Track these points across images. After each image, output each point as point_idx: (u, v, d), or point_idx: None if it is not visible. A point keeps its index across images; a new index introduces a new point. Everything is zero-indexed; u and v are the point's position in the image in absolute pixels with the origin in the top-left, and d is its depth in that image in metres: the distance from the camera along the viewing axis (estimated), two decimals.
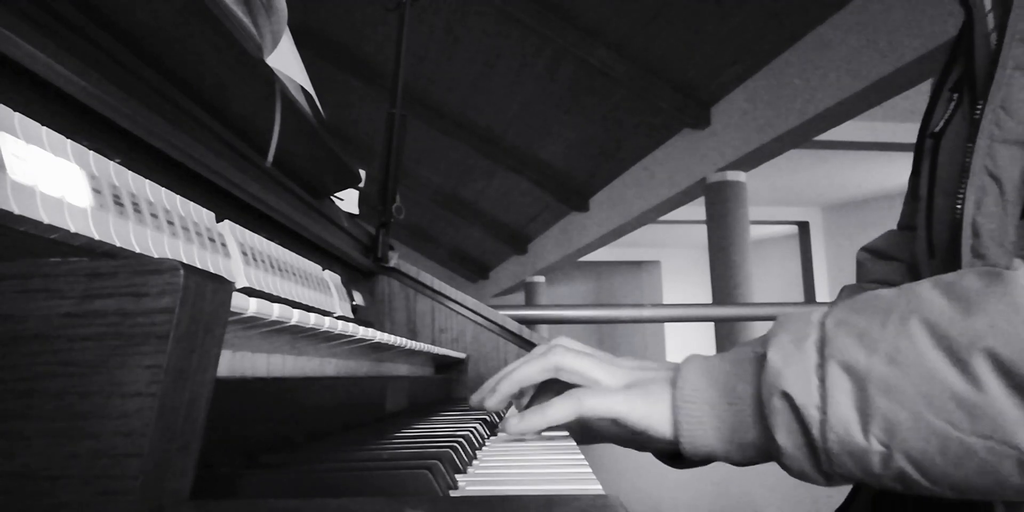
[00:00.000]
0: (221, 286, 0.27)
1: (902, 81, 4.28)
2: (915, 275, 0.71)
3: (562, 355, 0.53)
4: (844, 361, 0.41)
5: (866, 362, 0.40)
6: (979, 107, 0.52)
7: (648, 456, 0.59)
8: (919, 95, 5.04)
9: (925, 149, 0.64)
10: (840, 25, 4.59)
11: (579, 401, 0.49)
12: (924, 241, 0.62)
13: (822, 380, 0.41)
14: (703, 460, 0.49)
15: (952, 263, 0.56)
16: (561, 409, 0.49)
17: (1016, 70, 0.50)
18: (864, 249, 0.81)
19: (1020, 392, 0.37)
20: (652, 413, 0.48)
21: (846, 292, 0.77)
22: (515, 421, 0.51)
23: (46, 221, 0.35)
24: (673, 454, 0.58)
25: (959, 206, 0.53)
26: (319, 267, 0.84)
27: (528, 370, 0.54)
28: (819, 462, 0.42)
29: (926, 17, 3.89)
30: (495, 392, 0.55)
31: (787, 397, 0.42)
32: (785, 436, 0.42)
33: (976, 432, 0.38)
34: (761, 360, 0.45)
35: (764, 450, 0.45)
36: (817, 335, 0.43)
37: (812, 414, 0.41)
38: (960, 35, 0.64)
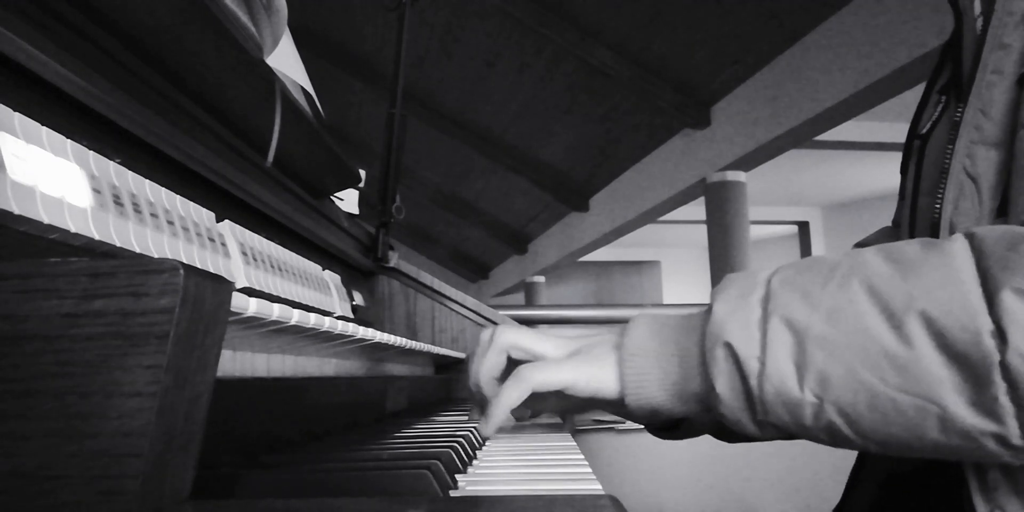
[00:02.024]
0: (221, 286, 0.27)
1: (901, 82, 4.28)
2: None
3: (504, 333, 0.54)
4: (786, 316, 0.43)
5: (806, 318, 0.42)
6: (960, 109, 0.54)
7: (648, 456, 0.60)
8: (919, 95, 5.04)
9: (912, 149, 0.66)
10: (840, 25, 4.59)
11: (526, 379, 0.50)
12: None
13: (764, 333, 0.43)
14: (648, 416, 0.50)
15: None
16: (512, 392, 0.50)
17: (995, 74, 0.51)
18: (857, 245, 0.81)
19: (948, 353, 0.39)
20: (598, 375, 0.49)
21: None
22: (483, 425, 0.51)
23: (46, 221, 0.35)
24: (664, 426, 0.61)
25: (938, 205, 0.54)
26: (319, 267, 0.84)
27: (487, 363, 0.54)
28: (754, 411, 0.44)
29: (926, 17, 3.89)
30: (486, 412, 0.53)
31: (729, 347, 0.44)
32: (724, 384, 0.44)
33: (904, 388, 0.40)
34: (707, 312, 0.47)
35: (704, 400, 0.47)
36: (763, 291, 0.45)
37: (752, 364, 0.43)
38: (951, 40, 0.65)
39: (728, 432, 0.63)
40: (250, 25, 0.74)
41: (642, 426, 0.61)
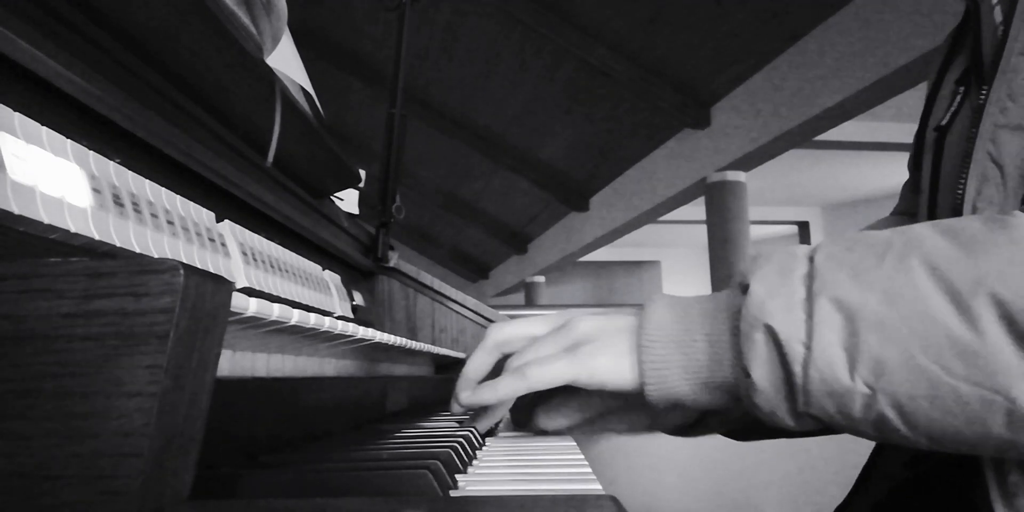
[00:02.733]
0: (221, 286, 0.27)
1: (902, 81, 4.28)
2: None
3: (493, 328, 0.51)
4: (835, 296, 0.39)
5: (859, 298, 0.38)
6: (983, 93, 0.52)
7: (648, 456, 0.59)
8: (919, 95, 5.04)
9: (927, 143, 0.64)
10: (840, 25, 4.59)
11: (524, 375, 0.46)
12: None
13: (809, 314, 0.39)
14: (668, 409, 0.46)
15: None
16: (508, 385, 0.47)
17: (1021, 55, 0.49)
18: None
19: (1020, 340, 0.36)
20: (609, 365, 0.45)
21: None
22: (467, 393, 0.49)
23: (46, 221, 0.35)
24: (680, 422, 0.56)
25: (960, 192, 0.52)
26: (319, 267, 0.84)
27: (473, 363, 0.51)
28: (795, 401, 0.40)
29: (926, 17, 3.89)
30: (456, 399, 0.52)
31: (769, 330, 0.39)
32: (762, 371, 0.40)
33: (970, 379, 0.36)
34: (738, 291, 0.42)
35: (734, 390, 0.43)
36: (806, 268, 0.40)
37: (796, 349, 0.39)
38: (961, 29, 0.64)
39: (745, 430, 0.60)
40: (250, 25, 0.74)
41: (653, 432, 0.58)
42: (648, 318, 0.45)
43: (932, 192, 0.61)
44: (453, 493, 0.33)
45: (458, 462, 0.40)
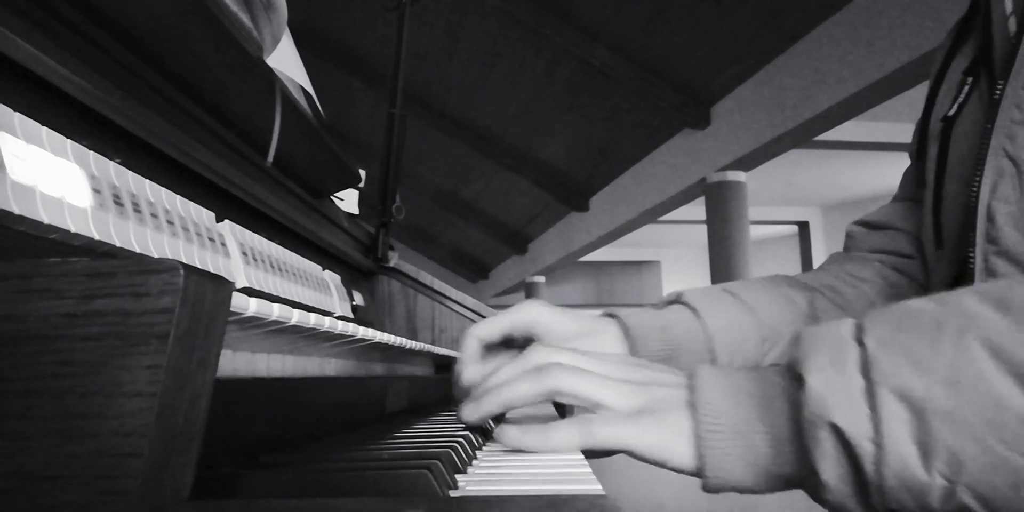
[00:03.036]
0: (221, 286, 0.27)
1: (902, 81, 4.28)
2: (922, 246, 0.69)
3: (559, 376, 0.46)
4: (897, 387, 0.37)
5: (923, 388, 0.36)
6: (999, 88, 0.51)
7: None
8: (919, 95, 5.04)
9: (932, 133, 0.62)
10: (840, 25, 4.59)
11: (588, 432, 0.44)
12: (931, 230, 0.61)
13: (874, 409, 0.37)
14: (721, 491, 0.44)
15: (962, 251, 0.55)
16: (567, 438, 0.44)
17: None
18: (856, 223, 0.78)
19: None
20: (669, 444, 0.43)
21: (834, 259, 0.75)
22: (515, 433, 0.46)
23: (46, 221, 0.35)
24: None
25: (975, 189, 0.51)
26: (319, 267, 0.84)
27: (520, 393, 0.47)
28: (867, 496, 0.38)
29: (926, 17, 3.89)
30: (479, 407, 0.48)
31: (835, 429, 0.38)
32: (831, 471, 0.38)
33: None
34: (793, 383, 0.41)
35: (796, 481, 0.41)
36: (858, 355, 0.39)
37: (865, 447, 0.37)
38: (967, 18, 0.62)
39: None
40: (250, 25, 0.74)
41: None
42: (701, 399, 0.43)
43: (937, 183, 0.60)
44: (453, 493, 0.33)
45: (458, 462, 0.40)
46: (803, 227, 10.52)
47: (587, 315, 0.62)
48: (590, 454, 0.49)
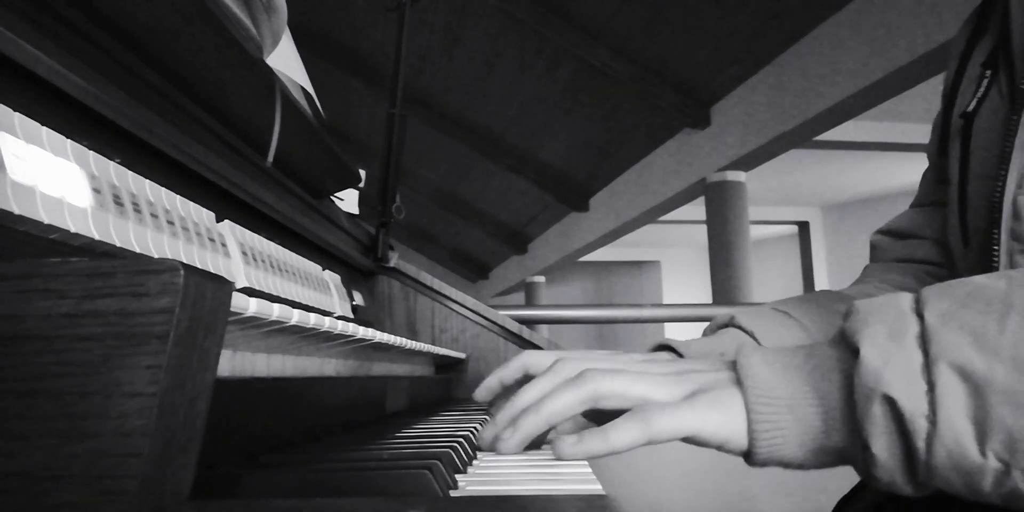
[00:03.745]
0: (221, 286, 0.27)
1: (902, 81, 4.28)
2: (948, 252, 0.68)
3: (598, 380, 0.44)
4: (958, 363, 0.36)
5: (985, 367, 0.35)
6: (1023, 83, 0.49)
7: (647, 456, 0.56)
8: (919, 95, 5.04)
9: (953, 129, 0.62)
10: (840, 25, 4.59)
11: (647, 423, 0.41)
12: (957, 228, 0.60)
13: (931, 385, 0.36)
14: (768, 466, 0.43)
15: (988, 249, 0.54)
16: (627, 435, 0.41)
17: None
18: (880, 232, 0.77)
19: None
20: (727, 423, 0.41)
21: (871, 272, 0.75)
22: (572, 441, 0.43)
23: (46, 221, 0.35)
24: None
25: (1000, 184, 0.50)
26: (319, 267, 0.84)
27: (561, 405, 0.44)
28: (915, 474, 0.37)
29: (926, 17, 3.89)
30: (517, 430, 0.45)
31: (890, 402, 0.36)
32: (883, 446, 0.37)
33: None
34: (847, 354, 0.40)
35: (846, 455, 0.40)
36: (917, 329, 0.37)
37: (919, 424, 0.36)
38: (984, 7, 0.62)
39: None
40: (250, 25, 0.74)
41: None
42: (748, 375, 0.42)
43: (962, 181, 0.59)
44: (453, 493, 0.33)
45: (458, 462, 0.40)
46: (803, 227, 10.52)
47: (640, 356, 0.59)
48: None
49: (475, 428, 0.54)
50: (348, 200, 1.07)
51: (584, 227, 8.66)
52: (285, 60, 0.81)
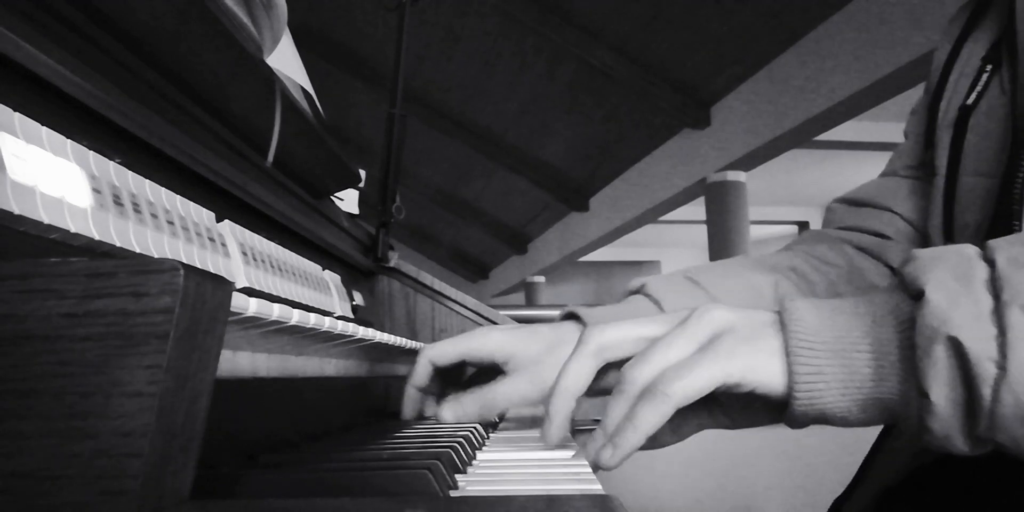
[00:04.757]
0: (221, 286, 0.27)
1: (902, 81, 4.28)
2: (921, 235, 0.67)
3: (593, 332, 0.42)
4: None
5: None
6: None
7: (648, 456, 0.56)
8: (919, 95, 5.04)
9: (943, 121, 0.61)
10: (840, 25, 4.59)
11: (666, 392, 0.38)
12: (939, 220, 0.60)
13: (1002, 329, 0.34)
14: (806, 423, 0.40)
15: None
16: (651, 414, 0.38)
17: None
18: (838, 199, 0.76)
19: None
20: (758, 365, 0.38)
21: (805, 239, 0.72)
22: (608, 451, 0.40)
23: (46, 221, 0.35)
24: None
25: (1020, 175, 0.49)
26: (319, 267, 0.84)
27: (571, 374, 0.42)
28: (975, 425, 0.35)
29: (926, 17, 3.89)
30: (551, 422, 0.43)
31: (956, 345, 0.34)
32: (942, 391, 0.35)
33: None
34: (907, 300, 0.37)
35: (895, 409, 0.37)
36: (987, 273, 0.35)
37: (986, 368, 0.34)
38: (982, 1, 0.61)
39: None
40: (250, 25, 0.74)
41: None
42: (792, 317, 0.39)
43: (950, 175, 0.58)
44: (453, 493, 0.33)
45: (458, 462, 0.40)
46: (803, 227, 10.52)
47: (545, 327, 0.59)
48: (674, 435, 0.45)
49: (475, 428, 0.55)
50: (348, 200, 1.07)
51: (584, 227, 8.66)
52: (285, 60, 0.81)
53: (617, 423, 0.40)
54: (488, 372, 0.60)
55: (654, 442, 0.44)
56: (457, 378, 0.66)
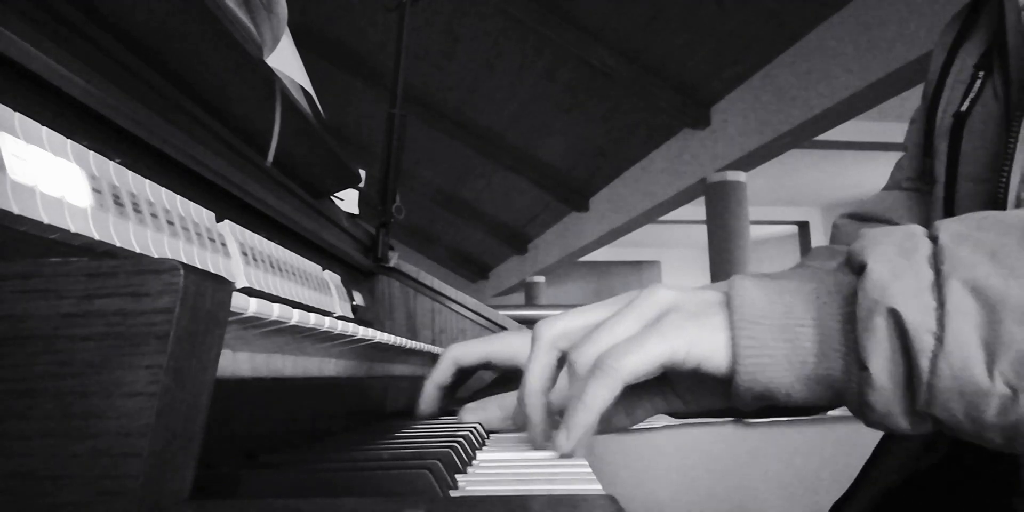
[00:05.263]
0: (221, 286, 0.27)
1: (902, 81, 4.28)
2: None
3: (543, 325, 0.42)
4: (971, 281, 0.33)
5: (1001, 285, 0.33)
6: None
7: (648, 456, 0.56)
8: (919, 95, 5.04)
9: (940, 128, 0.61)
10: (840, 25, 4.59)
11: (615, 367, 0.38)
12: None
13: (941, 302, 0.34)
14: (752, 401, 0.39)
15: None
16: (598, 389, 0.38)
17: None
18: (843, 214, 0.76)
19: None
20: (702, 340, 0.38)
21: (816, 255, 0.72)
22: (563, 437, 0.40)
23: (46, 221, 0.35)
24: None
25: (1003, 180, 0.49)
26: (319, 267, 0.84)
27: (535, 371, 0.42)
28: (914, 400, 0.35)
29: (926, 17, 3.89)
30: (532, 424, 0.43)
31: (894, 315, 0.34)
32: (882, 364, 0.35)
33: None
34: (850, 275, 0.37)
35: (838, 385, 0.37)
36: (930, 249, 0.35)
37: (924, 340, 0.33)
38: (972, 8, 0.62)
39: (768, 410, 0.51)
40: (250, 25, 0.74)
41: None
42: (738, 294, 0.38)
43: (949, 181, 0.59)
44: (453, 493, 0.33)
45: (458, 462, 0.40)
46: (803, 227, 10.52)
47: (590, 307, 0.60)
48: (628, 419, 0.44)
49: (475, 428, 0.55)
50: (348, 200, 1.07)
51: (584, 227, 8.66)
52: (285, 60, 0.81)
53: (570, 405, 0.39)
54: (513, 377, 0.60)
55: (608, 425, 0.44)
56: (471, 380, 0.67)
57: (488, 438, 0.57)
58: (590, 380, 0.38)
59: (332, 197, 0.98)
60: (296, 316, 0.40)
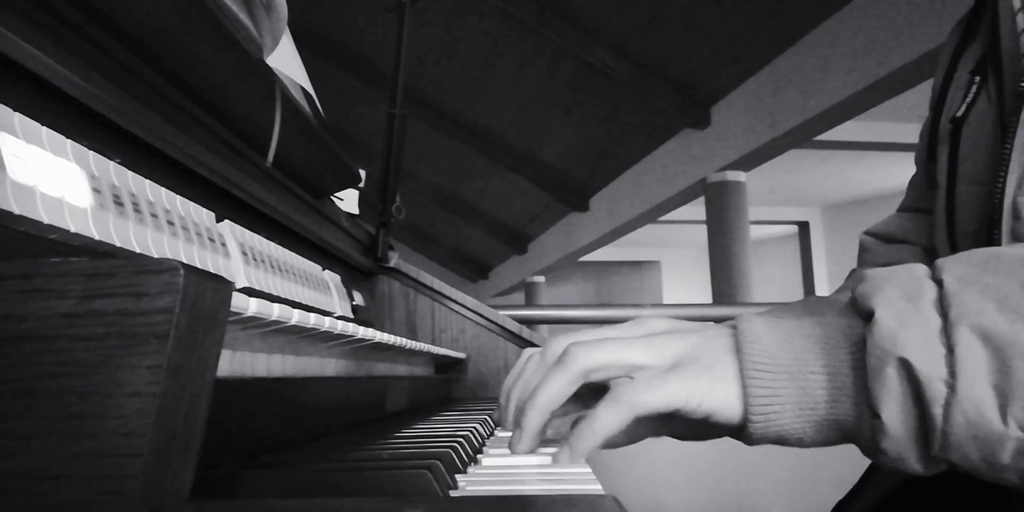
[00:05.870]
0: (221, 286, 0.27)
1: (902, 81, 4.28)
2: (935, 258, 0.68)
3: (581, 355, 0.41)
4: (979, 326, 0.33)
5: (1009, 329, 0.33)
6: (1022, 83, 0.50)
7: (647, 456, 0.55)
8: (919, 95, 5.04)
9: (941, 134, 0.62)
10: (840, 25, 4.59)
11: (631, 401, 0.39)
12: (944, 231, 0.61)
13: (950, 349, 0.34)
14: (767, 443, 0.40)
15: None
16: (611, 417, 0.39)
17: None
18: (868, 233, 0.77)
19: None
20: (715, 390, 0.39)
21: (856, 277, 0.75)
22: (565, 454, 0.41)
23: (46, 221, 0.35)
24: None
25: (999, 185, 0.50)
26: (319, 267, 0.84)
27: (553, 390, 0.42)
28: (929, 446, 0.35)
29: (926, 17, 3.89)
30: (524, 431, 0.43)
31: (906, 366, 0.34)
32: (894, 413, 0.35)
33: None
34: (857, 320, 0.38)
35: (850, 430, 0.38)
36: (935, 293, 0.35)
37: (936, 388, 0.34)
38: (973, 15, 0.62)
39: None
40: (250, 25, 0.74)
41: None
42: (747, 340, 0.39)
43: (950, 185, 0.59)
44: (453, 493, 0.33)
45: (458, 462, 0.40)
46: (803, 227, 10.52)
47: (630, 324, 0.57)
48: (632, 437, 0.45)
49: (475, 428, 0.54)
50: (348, 200, 1.07)
51: (584, 227, 8.66)
52: (285, 60, 0.81)
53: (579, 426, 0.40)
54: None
55: (607, 443, 0.44)
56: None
57: (488, 438, 0.57)
58: (605, 405, 0.40)
59: (332, 197, 0.98)
60: (296, 316, 0.40)
